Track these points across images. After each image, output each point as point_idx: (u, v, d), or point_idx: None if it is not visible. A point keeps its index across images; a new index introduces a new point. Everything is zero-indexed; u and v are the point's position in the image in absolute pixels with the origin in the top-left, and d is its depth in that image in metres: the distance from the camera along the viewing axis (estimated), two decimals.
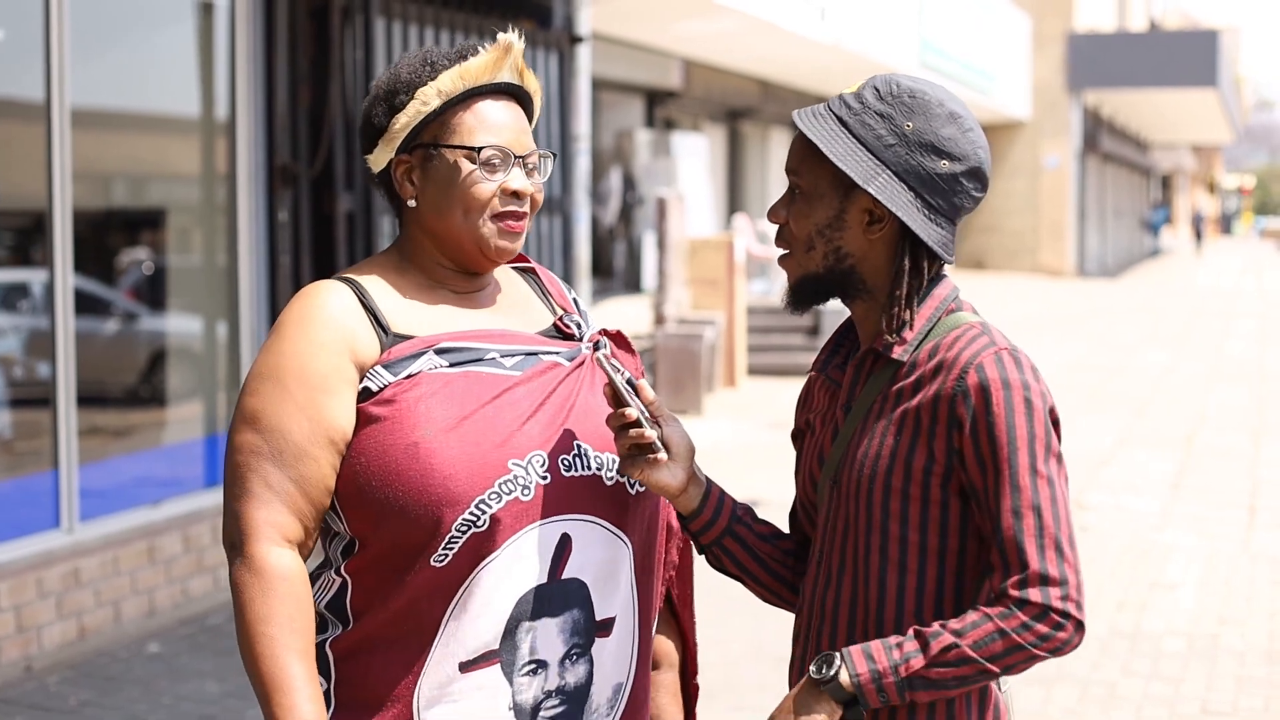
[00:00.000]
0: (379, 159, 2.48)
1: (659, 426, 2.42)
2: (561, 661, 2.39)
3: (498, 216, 2.44)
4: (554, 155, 2.57)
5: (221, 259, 8.31)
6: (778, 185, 26.51)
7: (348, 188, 8.52)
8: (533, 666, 2.37)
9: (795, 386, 14.18)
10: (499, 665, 2.36)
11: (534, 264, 2.68)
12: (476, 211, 2.43)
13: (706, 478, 2.52)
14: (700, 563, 2.65)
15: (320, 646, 2.40)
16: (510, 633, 2.36)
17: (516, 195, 2.45)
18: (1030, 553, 2.27)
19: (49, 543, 6.90)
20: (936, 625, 2.29)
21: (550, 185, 10.55)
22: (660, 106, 23.14)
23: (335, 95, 8.43)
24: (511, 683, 2.37)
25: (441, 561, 2.33)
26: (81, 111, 7.30)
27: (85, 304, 7.73)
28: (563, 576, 2.39)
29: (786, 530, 2.64)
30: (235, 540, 2.35)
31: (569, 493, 2.39)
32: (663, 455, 2.41)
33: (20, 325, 8.01)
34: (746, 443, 12.68)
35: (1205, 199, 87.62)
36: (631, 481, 2.47)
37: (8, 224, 7.82)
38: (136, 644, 6.85)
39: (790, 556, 2.59)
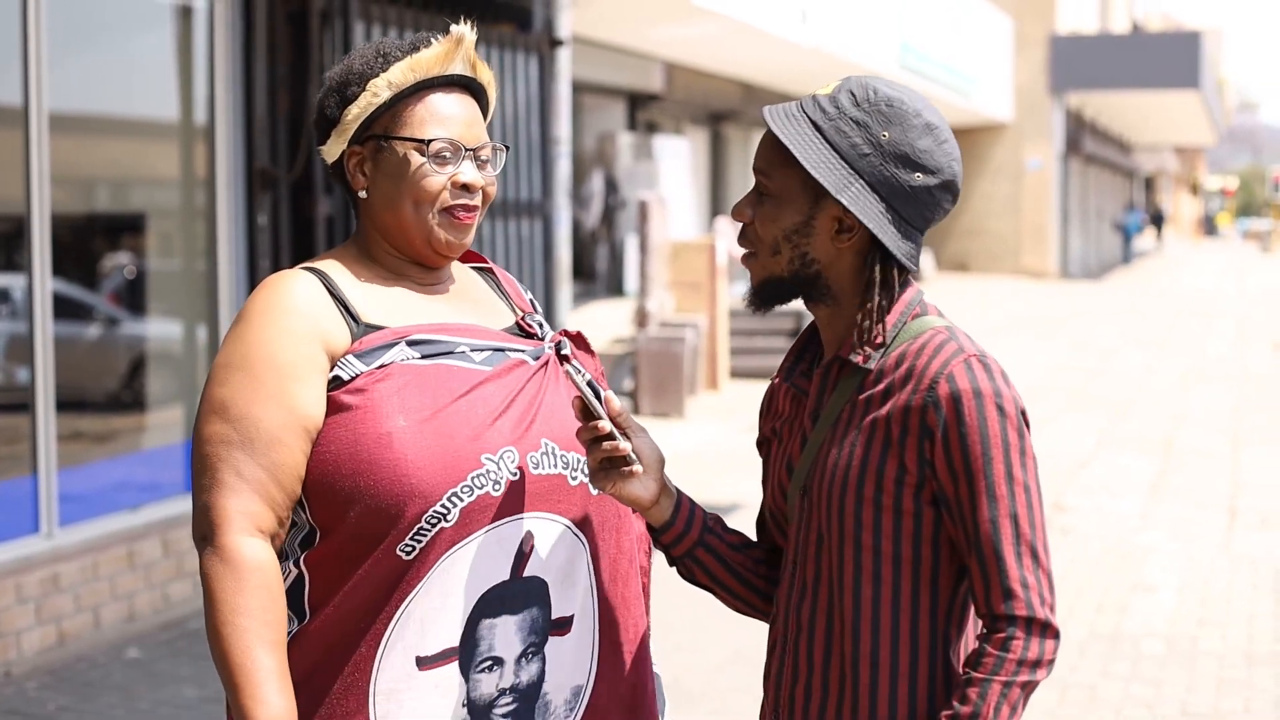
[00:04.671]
0: (332, 150, 2.48)
1: (628, 438, 2.40)
2: (518, 660, 2.38)
3: (447, 210, 2.44)
4: (506, 148, 2.55)
5: (201, 263, 8.30)
6: None
7: (327, 191, 8.51)
8: (489, 663, 2.36)
9: None
10: (457, 663, 2.35)
11: (491, 264, 2.67)
12: (426, 204, 2.43)
13: (676, 488, 2.49)
14: (674, 571, 2.64)
15: None
16: (470, 629, 2.35)
17: (467, 188, 2.45)
18: (1009, 562, 2.26)
19: (28, 548, 6.89)
20: None
21: (531, 188, 10.53)
22: (642, 109, 23.17)
23: (314, 99, 8.39)
24: (468, 679, 2.36)
25: (408, 553, 2.32)
26: (60, 116, 7.28)
27: (66, 308, 7.71)
28: (524, 574, 2.38)
29: (755, 538, 2.61)
30: (206, 531, 2.33)
31: (536, 490, 2.39)
32: (637, 468, 2.39)
33: (0, 330, 7.99)
34: (729, 446, 12.68)
35: (1187, 200, 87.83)
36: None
37: None
38: (115, 649, 6.83)
39: (762, 565, 2.56)
